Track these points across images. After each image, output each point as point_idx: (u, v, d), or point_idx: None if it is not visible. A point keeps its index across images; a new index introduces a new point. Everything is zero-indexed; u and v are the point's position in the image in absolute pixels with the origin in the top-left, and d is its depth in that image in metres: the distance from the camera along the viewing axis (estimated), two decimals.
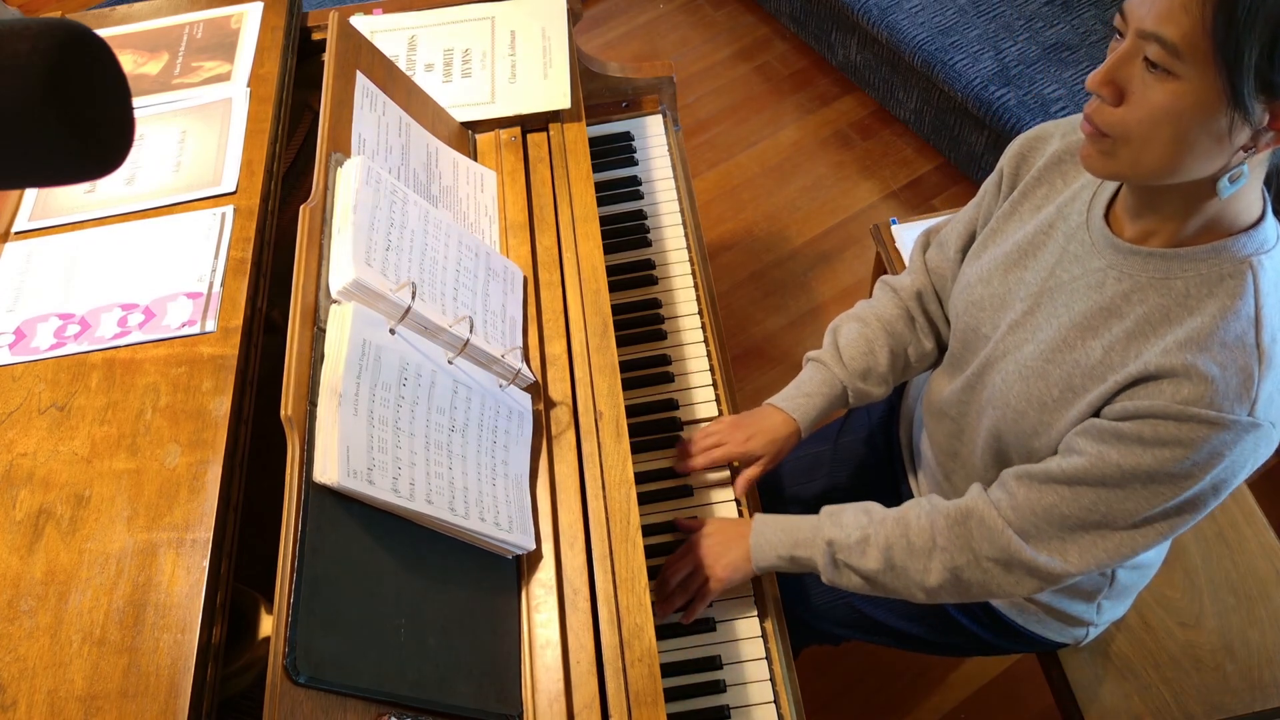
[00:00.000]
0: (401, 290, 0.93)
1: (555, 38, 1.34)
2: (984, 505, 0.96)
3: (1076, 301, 0.90)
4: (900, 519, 1.01)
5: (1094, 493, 0.88)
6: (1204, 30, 0.69)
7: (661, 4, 2.90)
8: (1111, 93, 0.76)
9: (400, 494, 0.83)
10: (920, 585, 1.00)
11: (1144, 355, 0.84)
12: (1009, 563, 0.95)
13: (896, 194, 2.43)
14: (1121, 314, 0.87)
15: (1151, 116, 0.74)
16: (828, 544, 1.03)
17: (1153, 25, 0.71)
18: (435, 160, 1.17)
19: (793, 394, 1.19)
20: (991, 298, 1.01)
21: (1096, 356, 0.88)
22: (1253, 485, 1.52)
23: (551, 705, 0.87)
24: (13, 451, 0.88)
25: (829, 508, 1.08)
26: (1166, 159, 0.76)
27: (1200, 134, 0.73)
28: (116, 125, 0.53)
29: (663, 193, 1.47)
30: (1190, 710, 1.23)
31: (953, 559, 0.97)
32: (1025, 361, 0.95)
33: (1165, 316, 0.84)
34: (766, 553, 1.07)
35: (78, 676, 0.75)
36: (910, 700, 1.76)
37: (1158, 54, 0.71)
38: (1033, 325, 0.95)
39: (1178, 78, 0.72)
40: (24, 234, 1.07)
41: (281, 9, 1.29)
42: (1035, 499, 0.92)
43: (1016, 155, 1.02)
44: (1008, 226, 1.02)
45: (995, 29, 2.19)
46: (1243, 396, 0.79)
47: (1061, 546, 0.92)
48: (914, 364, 1.20)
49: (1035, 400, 0.93)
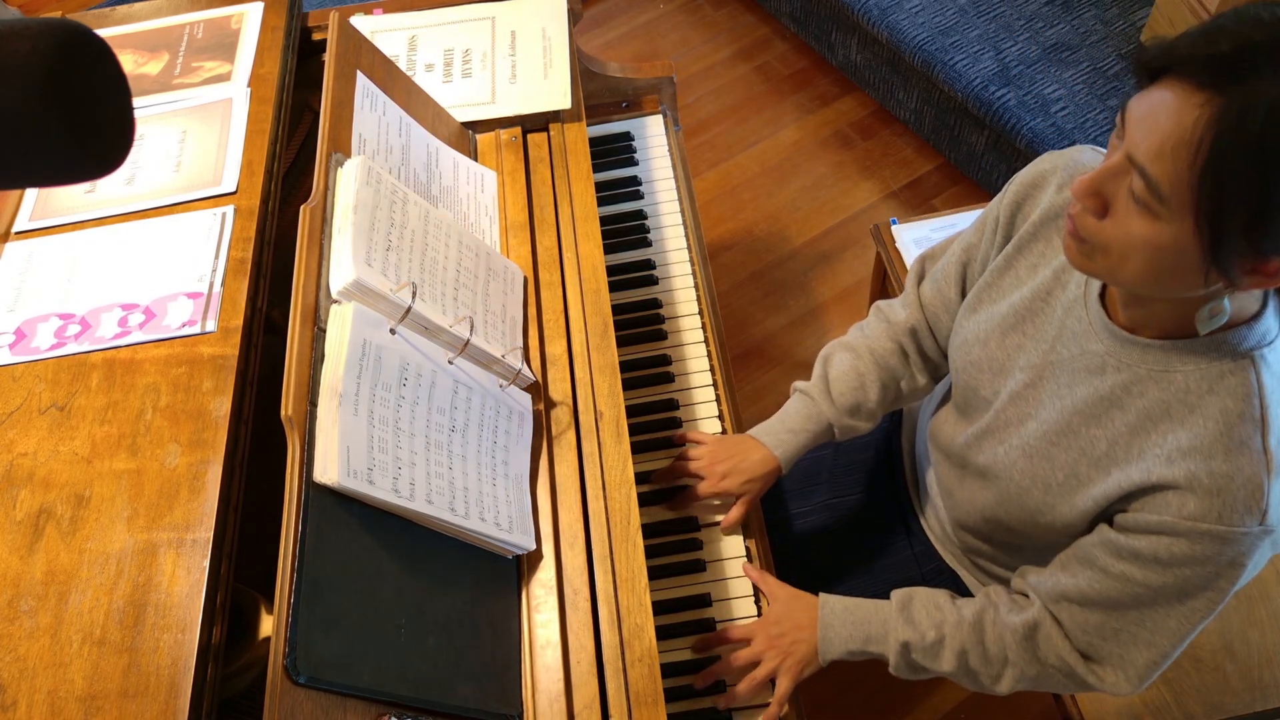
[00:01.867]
0: (402, 290, 0.93)
1: (555, 38, 1.34)
2: (1049, 622, 0.95)
3: (1079, 385, 0.88)
4: (976, 626, 0.99)
5: (1135, 612, 0.87)
6: (1189, 183, 0.66)
7: (661, 4, 2.90)
8: (1095, 205, 0.74)
9: (400, 494, 0.83)
10: (991, 689, 1.00)
11: (1147, 455, 0.82)
12: (1074, 678, 0.94)
13: (896, 194, 2.43)
14: (1123, 405, 0.85)
15: (1129, 242, 0.72)
16: (902, 645, 1.01)
17: (1143, 158, 0.68)
18: (435, 160, 1.17)
19: (776, 428, 1.17)
20: (990, 361, 0.99)
21: (1102, 448, 0.86)
22: None
23: (551, 705, 0.87)
24: (13, 451, 0.88)
25: (899, 596, 1.04)
26: (1140, 281, 0.75)
27: (1176, 271, 0.72)
28: (117, 125, 0.53)
29: (663, 193, 1.47)
30: (1190, 710, 1.23)
31: (1024, 671, 0.97)
32: (1029, 440, 0.93)
33: (1166, 413, 0.81)
34: (835, 646, 1.03)
35: (78, 676, 0.75)
36: (910, 700, 1.75)
37: (1142, 190, 0.69)
38: (1035, 400, 0.93)
39: (1159, 218, 0.69)
40: (24, 234, 1.07)
41: (282, 9, 1.29)
42: (1083, 620, 0.91)
43: (1013, 202, 0.98)
44: (1003, 282, 0.99)
45: (995, 29, 2.19)
46: (1252, 508, 0.77)
47: (1121, 662, 0.91)
48: (905, 396, 1.18)
49: (1039, 480, 0.92)
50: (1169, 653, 0.89)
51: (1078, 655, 0.93)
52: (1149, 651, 0.89)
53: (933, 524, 1.23)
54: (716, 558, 1.14)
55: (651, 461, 1.21)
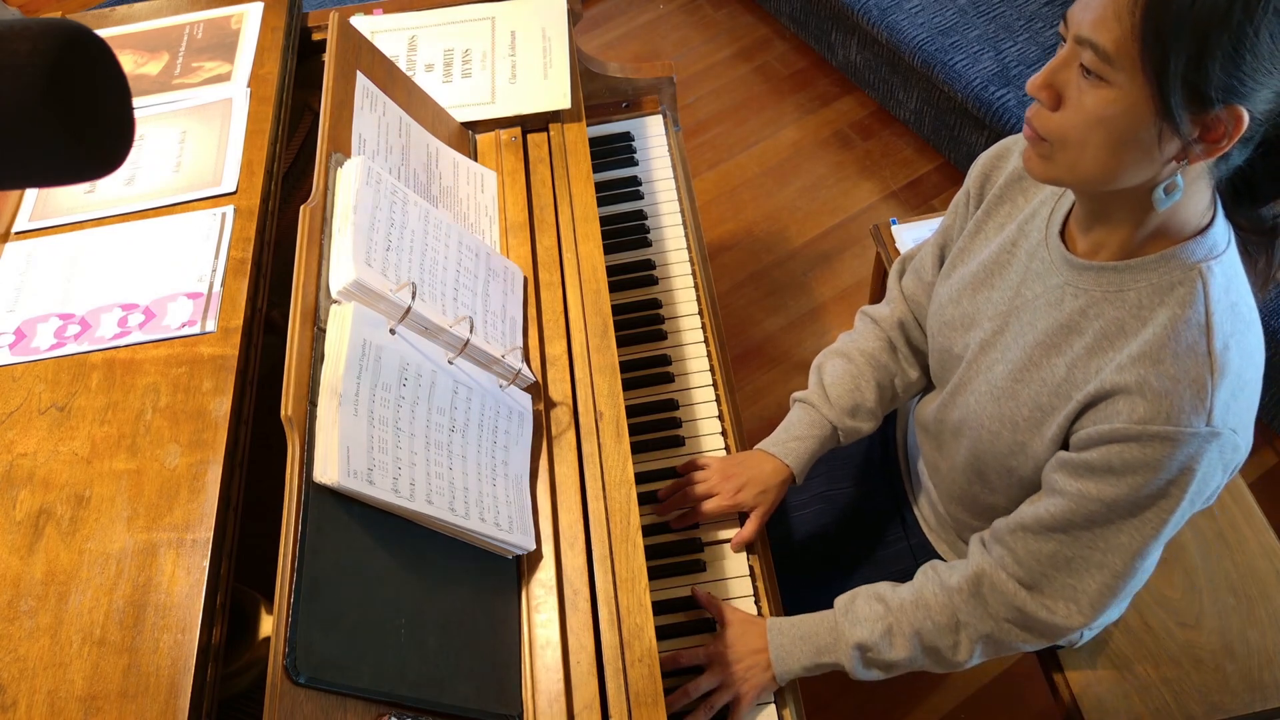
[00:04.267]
0: (402, 290, 0.93)
1: (555, 38, 1.34)
2: (990, 567, 0.96)
3: (1040, 319, 0.91)
4: (918, 601, 1.00)
5: (1089, 533, 0.88)
6: (1134, 37, 0.69)
7: (661, 4, 2.90)
8: (1049, 97, 0.76)
9: (400, 494, 0.83)
10: (952, 661, 1.00)
11: (1103, 371, 0.84)
12: (1026, 623, 0.95)
13: (896, 194, 2.43)
14: (1080, 330, 0.87)
15: (1085, 122, 0.75)
16: (855, 647, 1.01)
17: (1088, 31, 0.71)
18: (435, 160, 1.17)
19: (782, 438, 1.17)
20: (962, 317, 1.01)
21: (1061, 374, 0.88)
22: (1253, 485, 1.52)
23: (551, 705, 0.87)
24: (13, 452, 0.88)
25: (840, 601, 1.05)
26: (1100, 165, 0.77)
27: (1131, 141, 0.74)
28: (116, 126, 0.53)
29: (663, 193, 1.47)
30: (1190, 710, 1.23)
31: (977, 630, 0.97)
32: (996, 382, 0.95)
33: (1121, 329, 0.84)
34: (790, 665, 1.03)
35: (78, 677, 0.75)
36: (910, 700, 1.76)
37: (1091, 60, 0.72)
38: (1002, 345, 0.95)
39: (1110, 84, 0.72)
40: (24, 234, 1.07)
41: (282, 9, 1.29)
42: (1036, 549, 0.92)
43: (980, 174, 1.03)
44: (974, 245, 1.02)
45: (995, 29, 2.19)
46: (1198, 407, 0.79)
47: (1073, 593, 0.92)
48: (901, 394, 1.20)
49: (1008, 420, 0.94)
50: (1122, 574, 0.89)
51: (1025, 592, 0.94)
52: (1101, 574, 0.90)
53: (926, 513, 1.24)
54: (716, 558, 1.14)
55: (651, 461, 1.21)
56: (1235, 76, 0.67)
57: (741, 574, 1.12)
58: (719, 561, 1.13)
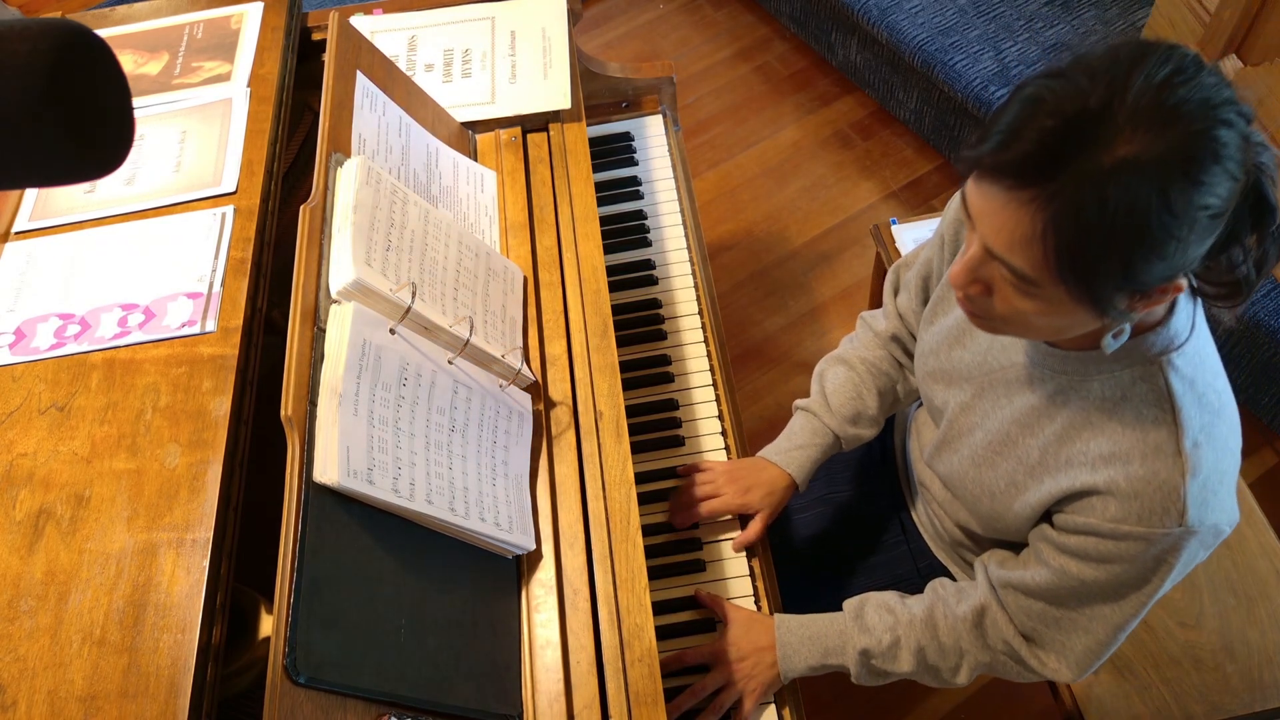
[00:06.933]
0: (401, 290, 0.93)
1: (555, 38, 1.34)
2: (995, 606, 0.98)
3: (1015, 395, 0.91)
4: (928, 620, 1.01)
5: (1074, 600, 0.91)
6: (1051, 268, 0.67)
7: (661, 4, 2.90)
8: (978, 290, 0.76)
9: (400, 494, 0.83)
10: (950, 682, 1.03)
11: (1074, 463, 0.84)
12: (1021, 662, 0.98)
13: (896, 194, 2.43)
14: (1051, 415, 0.87)
15: (1020, 316, 0.75)
16: (860, 653, 1.02)
17: (1000, 251, 0.70)
18: (435, 160, 1.17)
19: (785, 446, 1.18)
20: (941, 373, 1.02)
21: (1035, 456, 0.89)
22: (1253, 485, 1.52)
23: (551, 705, 0.87)
24: (13, 451, 0.88)
25: (850, 606, 1.06)
26: (1047, 334, 0.81)
27: (1076, 324, 0.75)
28: (116, 125, 0.53)
29: (663, 193, 1.47)
30: (1190, 710, 1.23)
31: (977, 659, 1.00)
32: (976, 449, 0.96)
33: (1087, 420, 0.84)
34: (795, 664, 1.04)
35: (78, 676, 0.75)
36: (910, 700, 1.76)
37: (1009, 276, 0.71)
38: (980, 411, 0.96)
39: (1038, 296, 0.71)
40: (24, 234, 1.07)
41: (281, 9, 1.29)
42: (1026, 606, 0.95)
43: (955, 219, 1.01)
44: (950, 295, 1.02)
45: (995, 29, 2.19)
46: (1169, 509, 0.79)
47: (1062, 649, 0.94)
48: (903, 399, 1.21)
49: (986, 489, 0.96)
50: (1107, 642, 0.92)
51: (1021, 639, 0.96)
52: (1087, 639, 0.92)
53: (923, 519, 1.24)
54: (716, 558, 1.14)
55: (651, 461, 1.21)
56: (1168, 266, 0.66)
57: (741, 574, 1.13)
58: (719, 562, 1.14)
